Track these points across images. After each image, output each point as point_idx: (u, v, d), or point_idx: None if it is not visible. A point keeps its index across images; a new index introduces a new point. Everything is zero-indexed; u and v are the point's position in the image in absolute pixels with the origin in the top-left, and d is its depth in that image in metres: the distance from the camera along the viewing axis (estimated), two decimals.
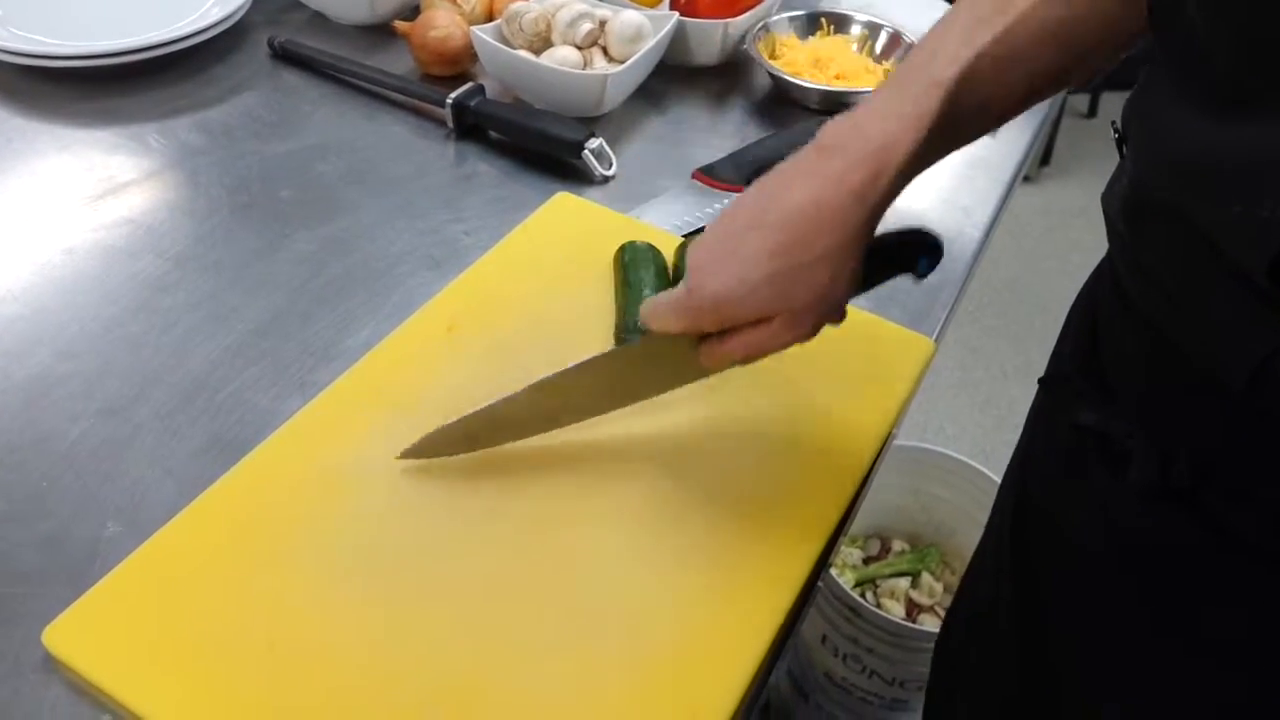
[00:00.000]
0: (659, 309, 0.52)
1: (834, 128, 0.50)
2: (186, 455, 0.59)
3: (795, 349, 0.64)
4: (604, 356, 0.56)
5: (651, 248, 0.69)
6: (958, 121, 0.50)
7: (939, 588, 1.34)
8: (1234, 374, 0.46)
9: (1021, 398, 1.97)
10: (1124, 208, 0.54)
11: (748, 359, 0.52)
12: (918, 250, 0.56)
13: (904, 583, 1.34)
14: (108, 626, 0.48)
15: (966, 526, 1.39)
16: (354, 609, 0.50)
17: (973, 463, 1.38)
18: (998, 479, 1.41)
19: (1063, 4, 0.50)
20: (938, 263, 0.56)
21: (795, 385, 0.64)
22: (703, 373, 0.56)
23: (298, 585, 0.51)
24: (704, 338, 0.52)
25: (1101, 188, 0.57)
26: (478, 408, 0.56)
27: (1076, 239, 2.31)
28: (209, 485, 0.55)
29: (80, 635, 0.48)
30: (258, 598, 0.50)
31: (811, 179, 0.49)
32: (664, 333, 0.53)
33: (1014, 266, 2.24)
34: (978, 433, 1.86)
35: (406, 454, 0.56)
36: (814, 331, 0.52)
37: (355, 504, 0.55)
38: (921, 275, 0.57)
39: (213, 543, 0.52)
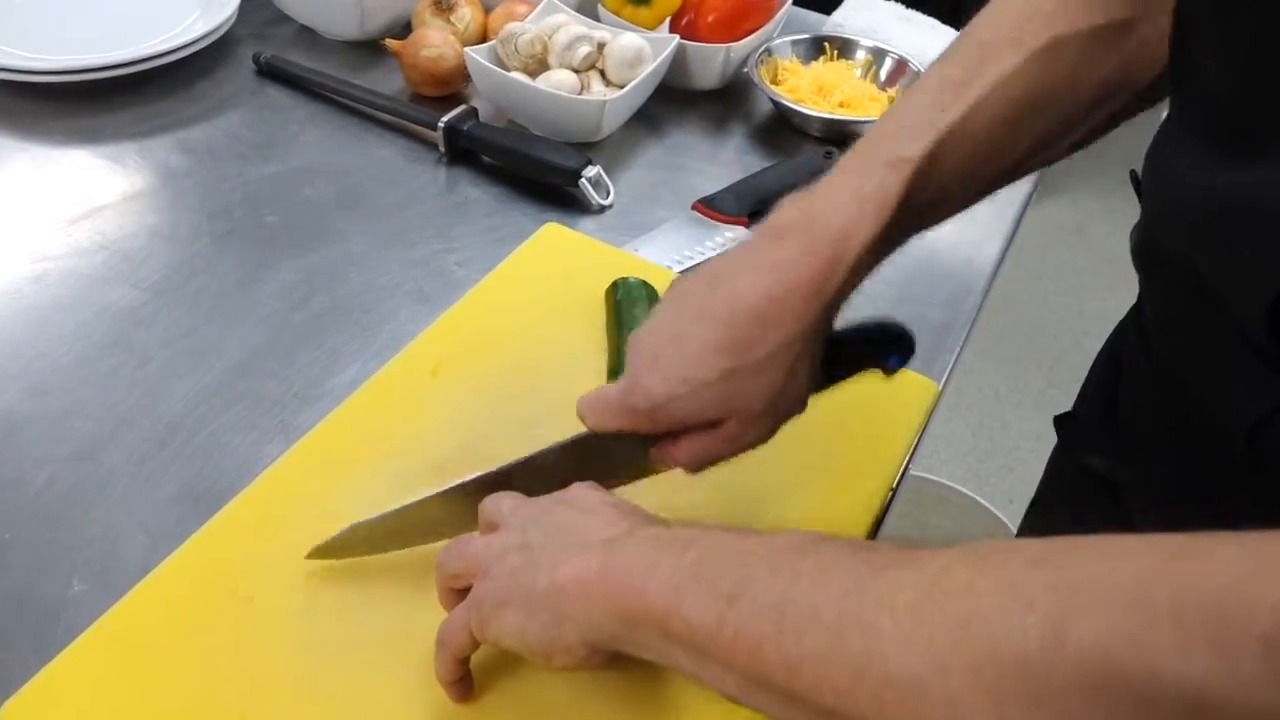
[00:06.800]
0: (596, 405, 0.47)
1: (788, 209, 0.46)
2: (159, 505, 0.56)
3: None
4: (543, 454, 0.49)
5: (644, 284, 0.66)
6: (926, 202, 0.46)
7: None
8: (1233, 431, 0.45)
9: (1014, 420, 1.97)
10: (1138, 255, 0.53)
11: (695, 467, 0.47)
12: (887, 346, 0.52)
13: None
14: (71, 700, 0.45)
15: None
16: (332, 682, 0.47)
17: (969, 492, 1.36)
18: (995, 510, 1.41)
19: (1042, 71, 0.47)
20: (909, 358, 0.52)
21: (799, 434, 0.61)
22: (651, 472, 0.50)
23: (273, 654, 0.48)
24: (653, 437, 0.47)
25: (1095, 207, 0.56)
26: (400, 505, 0.50)
27: (1070, 259, 2.30)
28: (182, 538, 0.52)
29: (42, 710, 0.45)
30: (230, 666, 0.47)
31: (762, 269, 0.44)
32: (600, 430, 0.47)
33: (1007, 287, 2.22)
34: (970, 457, 1.85)
35: (314, 554, 0.50)
36: (770, 433, 0.48)
37: (337, 565, 0.52)
38: (890, 372, 0.52)
39: (183, 606, 0.49)
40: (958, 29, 1.07)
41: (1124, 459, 0.54)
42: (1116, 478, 0.56)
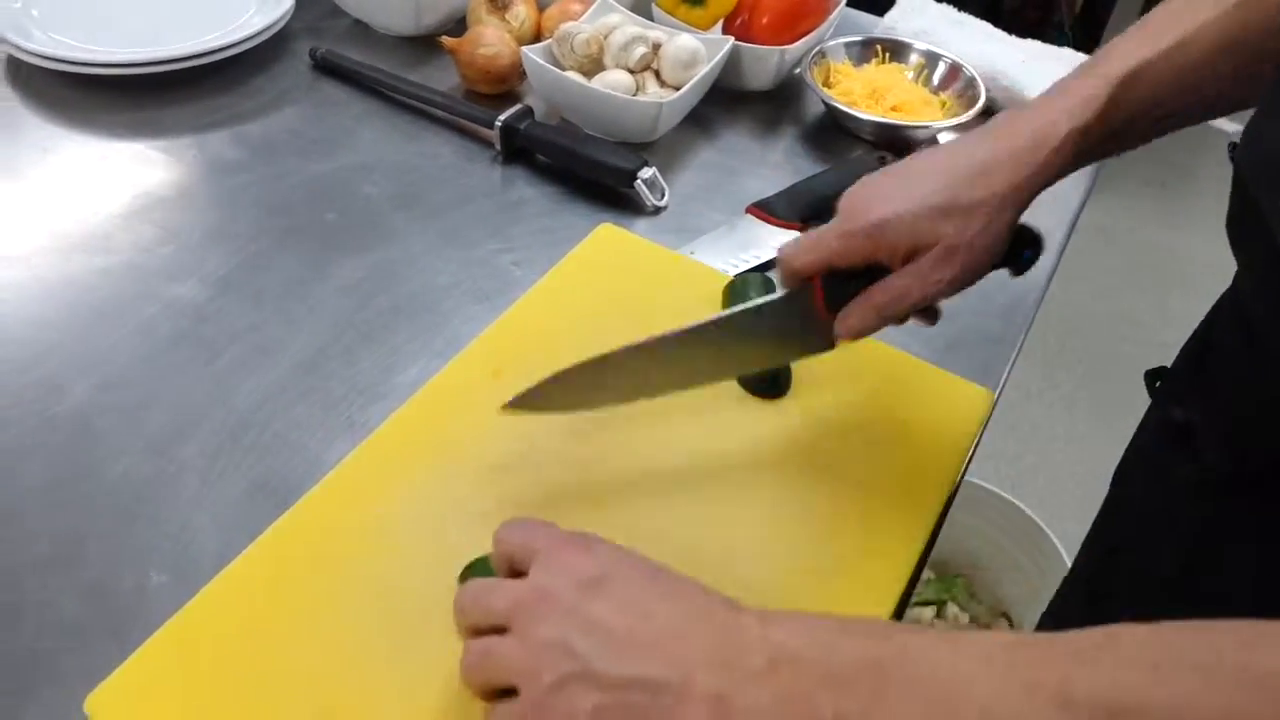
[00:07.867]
0: (805, 243, 0.53)
1: (1000, 116, 0.55)
2: (232, 499, 0.57)
3: (864, 402, 0.63)
4: (721, 318, 0.55)
5: (766, 279, 0.69)
6: (1127, 117, 0.53)
7: (964, 618, 1.32)
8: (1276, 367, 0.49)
9: (1044, 421, 1.96)
10: (1230, 227, 0.56)
11: (887, 310, 0.53)
12: (1023, 245, 0.58)
13: (929, 612, 1.33)
14: (153, 692, 0.46)
15: (995, 557, 1.37)
16: (413, 674, 0.48)
17: (1003, 493, 1.36)
18: (1027, 510, 1.40)
19: (1245, 16, 0.52)
20: (1037, 258, 0.58)
21: (864, 443, 0.61)
22: (823, 346, 0.56)
23: (351, 649, 0.49)
24: (837, 304, 0.54)
25: (1133, 208, 0.59)
26: (593, 356, 0.54)
27: (1107, 261, 2.28)
28: (254, 532, 0.53)
29: (125, 702, 0.46)
30: (308, 661, 0.48)
31: (981, 143, 0.53)
32: (804, 271, 0.54)
33: None
34: (1000, 456, 1.84)
35: (511, 405, 0.55)
36: (951, 284, 0.52)
37: (410, 560, 0.53)
38: (1022, 268, 0.58)
39: (260, 600, 0.50)
40: (996, 25, 1.06)
41: (1208, 412, 0.59)
42: (1195, 428, 0.60)
